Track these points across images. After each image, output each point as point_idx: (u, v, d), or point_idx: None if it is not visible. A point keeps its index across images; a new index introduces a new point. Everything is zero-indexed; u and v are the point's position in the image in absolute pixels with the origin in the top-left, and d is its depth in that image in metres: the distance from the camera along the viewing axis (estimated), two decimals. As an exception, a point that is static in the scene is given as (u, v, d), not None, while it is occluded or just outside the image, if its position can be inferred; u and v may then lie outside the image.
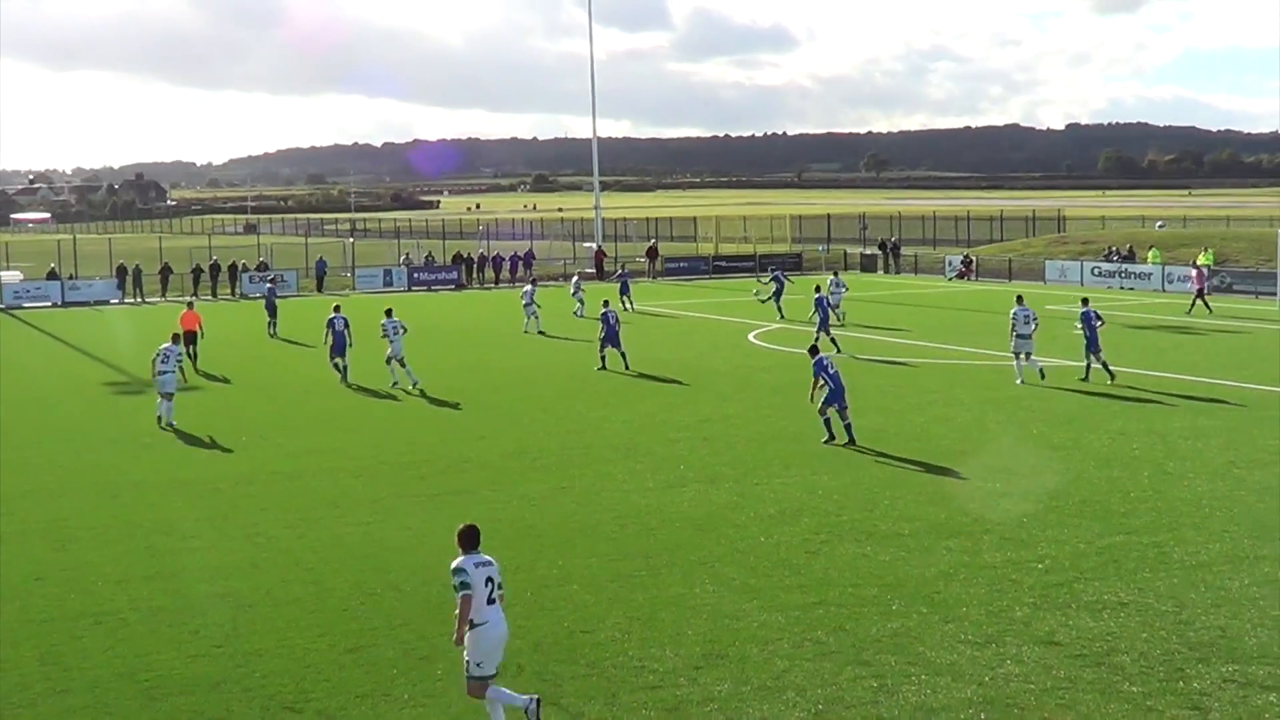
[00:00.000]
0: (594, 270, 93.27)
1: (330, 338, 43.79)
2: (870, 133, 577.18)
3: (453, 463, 30.71)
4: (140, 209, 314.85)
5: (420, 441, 33.53)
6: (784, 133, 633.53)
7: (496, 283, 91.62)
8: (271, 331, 59.23)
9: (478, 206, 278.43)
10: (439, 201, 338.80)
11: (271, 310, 60.27)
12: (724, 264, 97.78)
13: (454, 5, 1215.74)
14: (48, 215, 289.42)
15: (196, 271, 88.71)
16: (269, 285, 67.07)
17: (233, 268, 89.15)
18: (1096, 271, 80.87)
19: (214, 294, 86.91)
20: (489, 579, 14.81)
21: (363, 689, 16.61)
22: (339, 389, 42.31)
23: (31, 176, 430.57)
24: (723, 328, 59.22)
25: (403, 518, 25.47)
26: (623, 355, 45.50)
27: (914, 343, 51.53)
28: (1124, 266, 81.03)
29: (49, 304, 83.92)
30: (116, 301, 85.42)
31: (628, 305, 66.81)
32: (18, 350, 59.04)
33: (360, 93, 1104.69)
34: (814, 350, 32.99)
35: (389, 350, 42.45)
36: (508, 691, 15.19)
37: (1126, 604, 19.27)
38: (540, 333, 57.70)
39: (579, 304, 64.81)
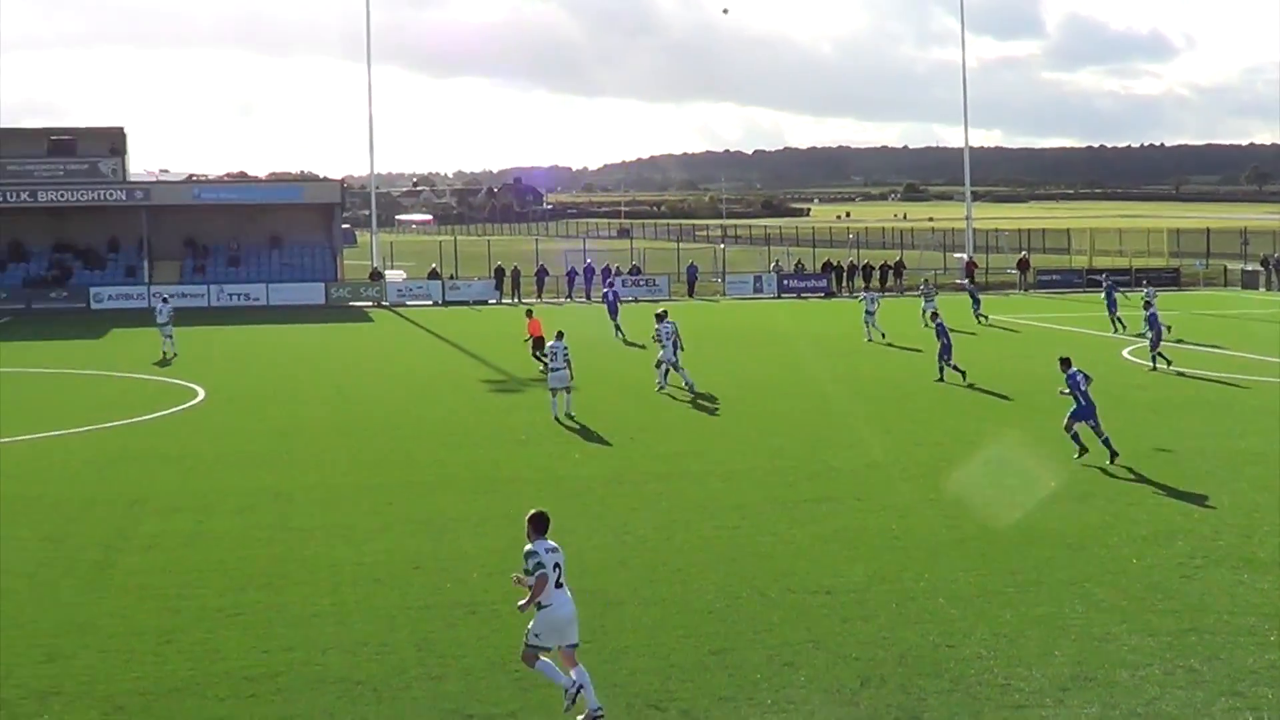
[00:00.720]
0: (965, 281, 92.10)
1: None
2: (1252, 144, 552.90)
3: (819, 470, 30.79)
4: (517, 212, 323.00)
5: (787, 448, 33.68)
6: (1161, 144, 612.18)
7: (866, 290, 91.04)
8: (616, 334, 60.07)
9: (847, 215, 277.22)
10: (809, 209, 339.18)
11: (614, 312, 61.46)
12: (1098, 277, 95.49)
13: (824, 14, 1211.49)
14: (430, 217, 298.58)
15: (571, 274, 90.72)
16: (608, 289, 67.68)
17: (605, 270, 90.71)
18: None
19: (587, 296, 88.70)
20: (557, 564, 15.92)
21: (725, 691, 16.79)
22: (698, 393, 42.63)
23: (415, 179, 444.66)
24: (1095, 342, 57.81)
25: (769, 523, 25.65)
26: (944, 369, 45.08)
27: (1299, 364, 49.48)
28: None
29: (430, 303, 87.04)
30: (494, 301, 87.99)
31: (980, 318, 65.94)
32: (401, 347, 61.46)
33: (731, 100, 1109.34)
34: (1066, 363, 32.12)
35: (661, 353, 43.06)
36: (556, 669, 16.12)
37: None
38: (887, 343, 57.08)
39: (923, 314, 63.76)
